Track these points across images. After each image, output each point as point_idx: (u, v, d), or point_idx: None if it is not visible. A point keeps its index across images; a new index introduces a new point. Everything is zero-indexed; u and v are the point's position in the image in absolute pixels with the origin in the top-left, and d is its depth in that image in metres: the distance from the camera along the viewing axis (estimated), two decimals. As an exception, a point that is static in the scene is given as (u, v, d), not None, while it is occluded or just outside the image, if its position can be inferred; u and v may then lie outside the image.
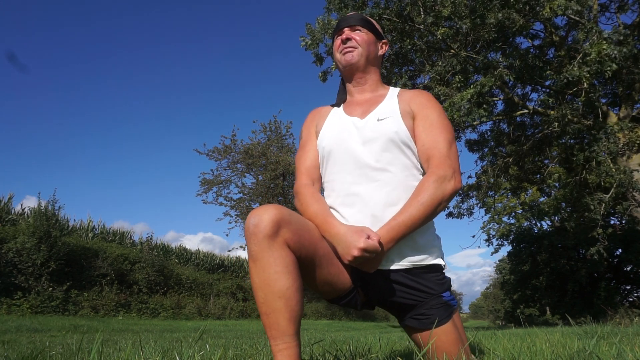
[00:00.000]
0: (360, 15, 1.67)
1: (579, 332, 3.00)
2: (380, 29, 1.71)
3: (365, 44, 1.62)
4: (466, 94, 8.31)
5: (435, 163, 1.41)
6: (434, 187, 1.35)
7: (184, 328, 8.76)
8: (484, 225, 20.75)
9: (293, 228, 1.24)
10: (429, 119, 1.49)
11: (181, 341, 3.35)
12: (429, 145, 1.45)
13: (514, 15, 7.99)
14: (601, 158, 8.96)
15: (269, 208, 1.22)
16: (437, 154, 1.42)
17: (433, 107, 1.51)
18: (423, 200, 1.34)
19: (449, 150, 1.43)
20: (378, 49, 1.68)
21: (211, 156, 20.17)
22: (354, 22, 1.64)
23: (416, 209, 1.34)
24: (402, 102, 1.55)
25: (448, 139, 1.45)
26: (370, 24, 1.66)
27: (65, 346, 2.80)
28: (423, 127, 1.48)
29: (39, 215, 10.93)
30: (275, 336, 1.19)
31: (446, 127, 1.48)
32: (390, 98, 1.59)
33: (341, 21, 1.67)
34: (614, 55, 7.39)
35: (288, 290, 1.18)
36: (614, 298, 19.14)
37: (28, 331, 5.36)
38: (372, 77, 1.67)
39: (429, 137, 1.46)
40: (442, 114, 1.52)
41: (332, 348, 2.06)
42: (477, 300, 75.78)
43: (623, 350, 1.48)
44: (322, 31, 9.64)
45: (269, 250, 1.18)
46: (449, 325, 1.43)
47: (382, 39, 1.70)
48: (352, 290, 1.45)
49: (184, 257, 19.05)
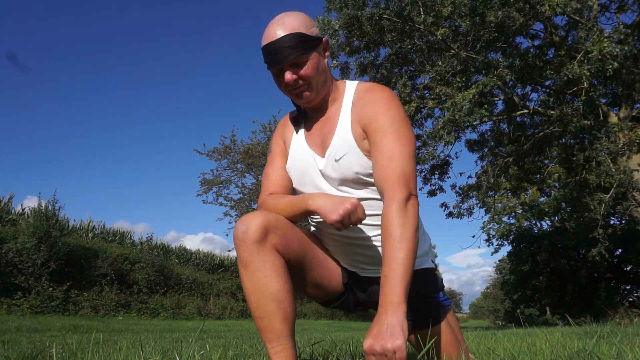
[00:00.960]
0: (289, 38, 1.29)
1: (579, 332, 3.00)
2: (313, 31, 1.35)
3: (314, 73, 1.33)
4: (468, 94, 8.31)
5: (390, 185, 1.23)
6: (400, 216, 1.18)
7: (184, 328, 8.77)
8: (484, 225, 20.80)
9: (280, 232, 1.26)
10: (379, 132, 1.29)
11: (181, 341, 3.36)
12: (381, 163, 1.26)
13: (514, 14, 7.99)
14: (601, 158, 8.96)
15: (256, 214, 1.24)
16: (392, 174, 1.24)
17: (385, 116, 1.30)
18: (399, 236, 1.16)
19: (405, 166, 1.25)
20: (324, 61, 1.39)
21: (211, 156, 20.20)
22: (291, 57, 1.29)
23: (401, 251, 1.15)
24: (354, 123, 1.36)
25: (405, 153, 1.26)
26: (304, 41, 1.30)
27: (65, 346, 2.80)
28: (374, 144, 1.29)
29: (39, 215, 10.93)
30: (271, 339, 1.21)
31: (402, 137, 1.28)
32: (343, 118, 1.38)
33: (270, 53, 1.31)
34: (616, 53, 7.40)
35: (279, 292, 1.21)
36: (614, 298, 19.14)
37: (28, 331, 5.36)
38: (327, 93, 1.42)
39: (383, 155, 1.26)
40: (398, 120, 1.30)
41: (332, 348, 2.06)
42: (477, 300, 75.80)
43: (623, 350, 1.48)
44: (321, 31, 9.65)
45: (258, 255, 1.21)
46: (444, 326, 1.43)
47: (321, 42, 1.37)
48: (344, 293, 1.46)
49: (184, 257, 19.05)
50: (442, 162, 12.11)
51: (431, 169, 12.17)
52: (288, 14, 1.34)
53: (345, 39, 10.11)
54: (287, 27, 1.30)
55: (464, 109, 8.36)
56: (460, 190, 12.69)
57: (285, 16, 1.32)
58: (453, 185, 12.80)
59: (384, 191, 1.24)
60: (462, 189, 12.70)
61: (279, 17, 1.33)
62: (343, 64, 10.87)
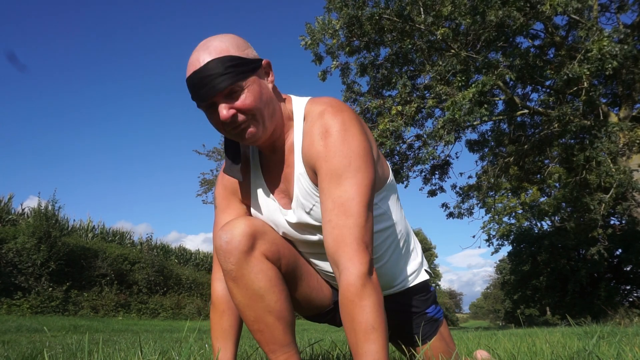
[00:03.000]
0: (219, 62, 1.02)
1: (579, 332, 2.99)
2: (248, 53, 1.08)
3: (256, 103, 1.05)
4: (468, 94, 8.32)
5: (348, 254, 0.99)
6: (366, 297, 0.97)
7: (184, 328, 8.76)
8: (484, 225, 20.78)
9: (269, 238, 1.14)
10: (332, 177, 1.03)
11: (181, 341, 3.36)
12: (335, 220, 1.01)
13: (515, 13, 8.00)
14: (601, 158, 8.97)
15: (239, 221, 1.11)
16: (348, 235, 1.00)
17: (339, 155, 1.03)
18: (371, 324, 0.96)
19: (364, 224, 1.01)
20: (267, 86, 1.10)
21: (211, 156, 20.21)
22: (223, 85, 1.01)
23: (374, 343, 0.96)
24: (307, 166, 1.12)
25: (363, 204, 1.02)
26: (235, 65, 1.03)
27: (65, 346, 2.80)
28: (325, 191, 1.04)
29: (39, 215, 10.94)
30: (275, 349, 1.13)
31: (360, 184, 1.02)
32: (298, 161, 1.14)
33: (196, 85, 1.03)
34: (615, 52, 7.41)
35: (277, 303, 1.10)
36: (614, 298, 19.13)
37: (28, 331, 5.36)
38: (277, 124, 1.14)
39: (336, 210, 1.02)
40: (356, 160, 1.03)
41: (332, 348, 2.06)
42: (478, 301, 75.77)
43: (623, 350, 1.48)
44: (321, 31, 9.67)
45: (248, 267, 1.08)
46: (436, 340, 1.40)
47: (260, 65, 1.09)
48: (332, 310, 1.36)
49: (184, 257, 19.04)
50: (443, 162, 12.11)
51: (431, 169, 12.17)
52: (215, 37, 1.07)
53: (346, 39, 10.12)
54: (213, 51, 1.03)
55: (464, 108, 8.36)
56: (460, 190, 12.69)
57: (211, 40, 1.06)
58: (453, 185, 12.81)
59: (337, 259, 1.00)
60: (462, 189, 12.69)
61: (204, 42, 1.06)
62: (343, 64, 10.88)
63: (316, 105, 1.14)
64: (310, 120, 1.12)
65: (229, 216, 1.25)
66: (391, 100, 10.13)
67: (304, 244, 1.24)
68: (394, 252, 1.31)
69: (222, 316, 1.24)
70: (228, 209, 1.27)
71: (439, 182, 12.44)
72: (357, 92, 11.14)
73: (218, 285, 1.25)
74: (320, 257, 1.27)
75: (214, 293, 1.25)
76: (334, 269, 1.03)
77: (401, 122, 9.68)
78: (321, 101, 1.14)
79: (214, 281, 1.26)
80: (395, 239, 1.31)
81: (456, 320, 49.71)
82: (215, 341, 1.23)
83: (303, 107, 1.16)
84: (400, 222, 1.33)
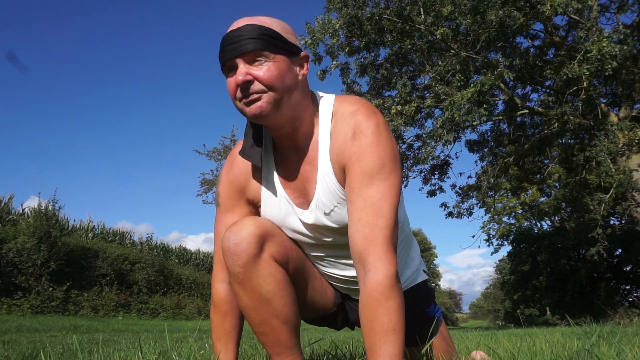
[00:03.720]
0: (256, 28, 1.01)
1: (579, 332, 2.99)
2: (291, 38, 1.07)
3: (277, 81, 1.00)
4: (466, 93, 8.32)
5: (377, 254, 0.98)
6: (391, 298, 0.96)
7: (184, 328, 8.76)
8: (484, 225, 20.77)
9: (278, 240, 1.12)
10: (365, 177, 1.02)
11: (181, 341, 3.36)
12: (366, 219, 0.99)
13: (515, 13, 8.01)
14: (601, 158, 8.98)
15: (248, 222, 1.08)
16: (379, 236, 0.98)
17: (373, 155, 1.02)
18: (392, 326, 0.95)
19: (393, 227, 1.01)
20: (297, 75, 1.07)
21: (211, 156, 20.18)
22: (250, 47, 0.99)
23: (393, 345, 0.94)
24: (335, 164, 1.09)
25: (393, 207, 1.01)
26: (272, 37, 1.01)
27: (65, 346, 2.80)
28: (355, 190, 1.02)
29: (39, 215, 10.94)
30: (279, 352, 1.12)
31: (392, 186, 1.02)
32: (324, 158, 1.10)
33: (225, 43, 1.02)
34: (615, 52, 7.41)
35: (284, 307, 1.08)
36: (613, 298, 19.14)
37: (28, 331, 5.36)
38: (297, 118, 1.09)
39: (367, 209, 1.00)
40: (389, 162, 1.03)
41: (332, 348, 2.06)
42: (477, 301, 75.74)
43: (623, 350, 1.48)
44: (321, 30, 9.68)
45: (257, 270, 1.05)
46: (437, 340, 1.39)
47: (298, 53, 1.08)
48: (335, 313, 1.34)
49: (184, 257, 19.04)
50: (442, 162, 12.12)
51: (431, 169, 12.18)
52: (267, 17, 1.07)
53: (345, 39, 10.13)
54: (256, 20, 1.03)
55: (463, 108, 8.37)
56: (460, 190, 12.70)
57: (260, 16, 1.06)
58: (453, 185, 12.82)
59: (366, 257, 0.98)
60: (462, 189, 12.70)
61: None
62: (343, 64, 10.88)
63: (346, 104, 1.12)
64: (339, 119, 1.10)
65: (235, 217, 1.21)
66: (391, 100, 10.14)
67: (312, 246, 1.22)
68: (399, 253, 1.31)
69: (224, 318, 1.22)
70: (233, 208, 1.22)
71: (438, 182, 12.45)
72: (357, 92, 11.15)
73: (220, 286, 1.23)
74: (327, 260, 1.25)
75: (215, 294, 1.23)
76: (358, 267, 1.01)
77: (401, 122, 9.69)
78: (351, 100, 1.13)
79: (215, 282, 1.23)
80: (401, 241, 1.31)
81: (456, 320, 49.73)
82: (217, 342, 1.22)
83: (331, 105, 1.13)
84: (405, 224, 1.33)
